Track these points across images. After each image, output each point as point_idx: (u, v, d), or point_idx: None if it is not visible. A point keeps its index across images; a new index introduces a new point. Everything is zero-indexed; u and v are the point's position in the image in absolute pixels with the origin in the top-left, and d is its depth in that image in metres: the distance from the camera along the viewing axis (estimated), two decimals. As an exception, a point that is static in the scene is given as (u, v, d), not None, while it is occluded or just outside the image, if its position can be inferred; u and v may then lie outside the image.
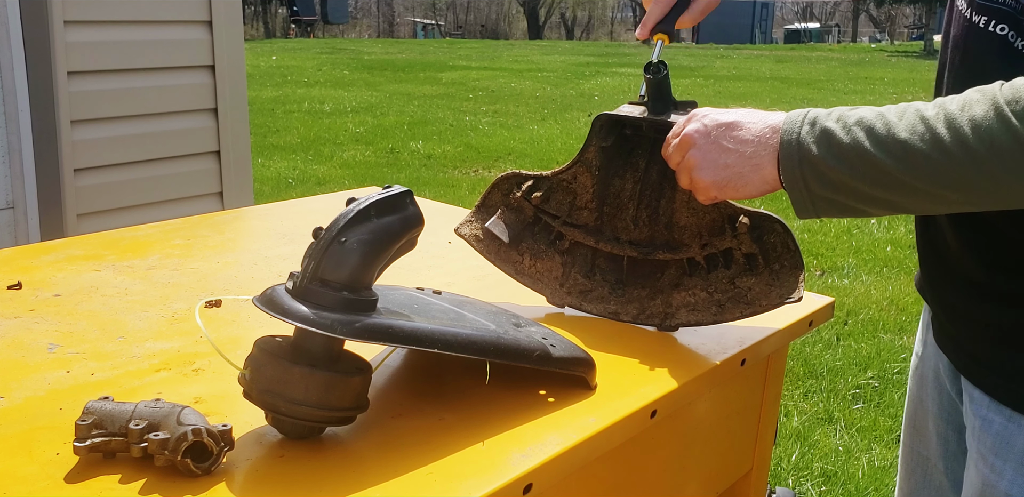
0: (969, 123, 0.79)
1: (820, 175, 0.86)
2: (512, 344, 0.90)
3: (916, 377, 1.22)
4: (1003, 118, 0.78)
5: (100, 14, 2.84)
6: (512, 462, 0.80)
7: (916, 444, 1.22)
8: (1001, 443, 0.95)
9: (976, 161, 0.79)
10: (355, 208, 0.81)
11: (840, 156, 0.85)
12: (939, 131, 0.81)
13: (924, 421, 1.20)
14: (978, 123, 0.79)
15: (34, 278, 1.24)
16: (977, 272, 0.98)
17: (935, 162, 0.81)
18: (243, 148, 3.29)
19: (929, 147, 0.81)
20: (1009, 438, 0.94)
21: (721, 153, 0.93)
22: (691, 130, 0.95)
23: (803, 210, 0.89)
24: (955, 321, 1.04)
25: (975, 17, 0.93)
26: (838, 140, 0.85)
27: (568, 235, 1.16)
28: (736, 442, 1.24)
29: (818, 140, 0.86)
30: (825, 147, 0.85)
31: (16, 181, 2.78)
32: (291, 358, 0.79)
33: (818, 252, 4.98)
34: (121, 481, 0.74)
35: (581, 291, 1.17)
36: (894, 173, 0.83)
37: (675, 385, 0.98)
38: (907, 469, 1.25)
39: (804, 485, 2.55)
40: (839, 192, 0.86)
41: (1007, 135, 0.77)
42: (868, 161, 0.83)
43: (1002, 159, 0.78)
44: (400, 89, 12.27)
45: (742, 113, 0.94)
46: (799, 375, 3.30)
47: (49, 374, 0.94)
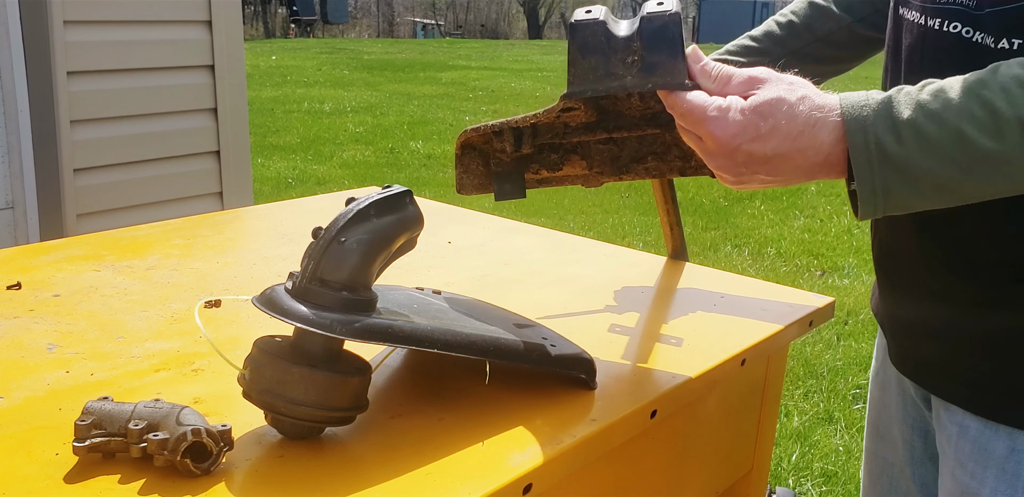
0: None
1: (903, 175, 0.73)
2: (512, 344, 0.90)
3: (878, 382, 1.21)
4: None
5: (100, 14, 2.84)
6: (512, 462, 0.80)
7: (880, 449, 1.21)
8: (979, 450, 0.93)
9: None
10: (355, 208, 0.81)
11: (936, 153, 0.72)
12: None
13: (888, 426, 1.18)
14: None
15: (33, 278, 1.24)
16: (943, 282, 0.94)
17: None
18: (243, 148, 3.29)
19: None
20: (987, 444, 0.92)
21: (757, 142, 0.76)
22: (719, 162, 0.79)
23: (870, 212, 0.77)
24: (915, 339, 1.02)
25: (929, 21, 0.90)
26: (928, 135, 0.72)
27: (575, 140, 1.04)
28: (736, 442, 1.24)
29: (902, 138, 0.73)
30: (915, 145, 0.72)
31: (16, 181, 2.78)
32: (290, 358, 0.79)
33: (819, 252, 4.98)
34: (120, 481, 0.74)
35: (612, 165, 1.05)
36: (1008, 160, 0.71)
37: (675, 385, 0.97)
38: (872, 476, 1.24)
39: (804, 485, 2.55)
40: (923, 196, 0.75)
41: None
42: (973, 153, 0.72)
43: None
44: (400, 89, 12.27)
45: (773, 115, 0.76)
46: (799, 375, 3.30)
47: (48, 374, 0.94)
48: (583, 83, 0.86)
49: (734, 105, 0.77)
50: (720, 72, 0.80)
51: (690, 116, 0.78)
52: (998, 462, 0.91)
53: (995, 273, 0.89)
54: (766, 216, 5.80)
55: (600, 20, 0.84)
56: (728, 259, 4.84)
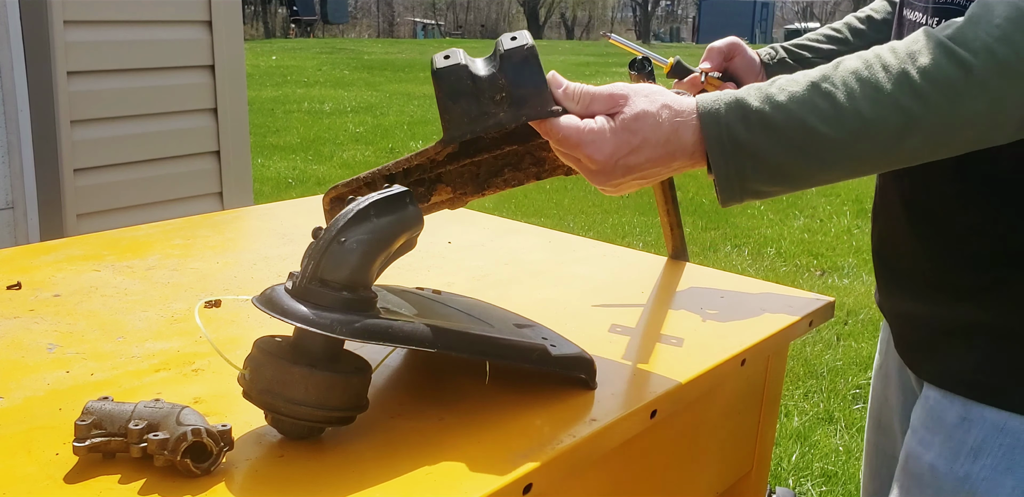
0: (921, 73, 0.75)
1: (756, 165, 0.79)
2: (512, 344, 0.90)
3: (880, 376, 1.23)
4: (958, 60, 0.75)
5: (100, 14, 2.84)
6: (512, 462, 0.80)
7: (881, 442, 1.23)
8: (933, 417, 0.96)
9: (939, 111, 0.75)
10: (355, 208, 0.81)
11: (778, 139, 0.78)
12: (888, 89, 0.76)
13: (889, 419, 1.20)
14: (933, 70, 0.75)
15: (34, 278, 1.24)
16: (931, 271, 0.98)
17: (894, 125, 0.76)
18: (243, 148, 3.29)
19: (886, 110, 0.76)
20: (941, 413, 0.95)
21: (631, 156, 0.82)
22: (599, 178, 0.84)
23: (730, 200, 0.83)
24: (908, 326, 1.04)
25: (929, 20, 0.93)
26: (774, 122, 0.78)
27: (439, 171, 1.07)
28: (736, 442, 1.24)
29: (751, 127, 0.78)
30: (763, 135, 0.78)
31: (16, 181, 2.78)
32: (291, 358, 0.79)
33: (818, 252, 4.99)
34: (120, 481, 0.74)
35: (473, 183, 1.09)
36: (852, 146, 0.77)
37: (675, 385, 0.97)
38: (872, 468, 1.26)
39: (804, 485, 2.55)
40: (775, 183, 0.81)
41: (962, 76, 0.74)
42: (815, 140, 0.77)
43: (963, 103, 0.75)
44: (400, 89, 12.27)
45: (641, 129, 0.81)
46: (799, 375, 3.30)
47: (49, 374, 0.94)
48: (460, 127, 0.88)
49: (604, 126, 0.82)
50: (581, 93, 0.85)
51: (566, 142, 0.83)
52: (948, 430, 0.94)
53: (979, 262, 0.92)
54: (766, 216, 5.80)
55: (462, 64, 0.88)
56: (728, 259, 4.85)
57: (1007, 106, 0.75)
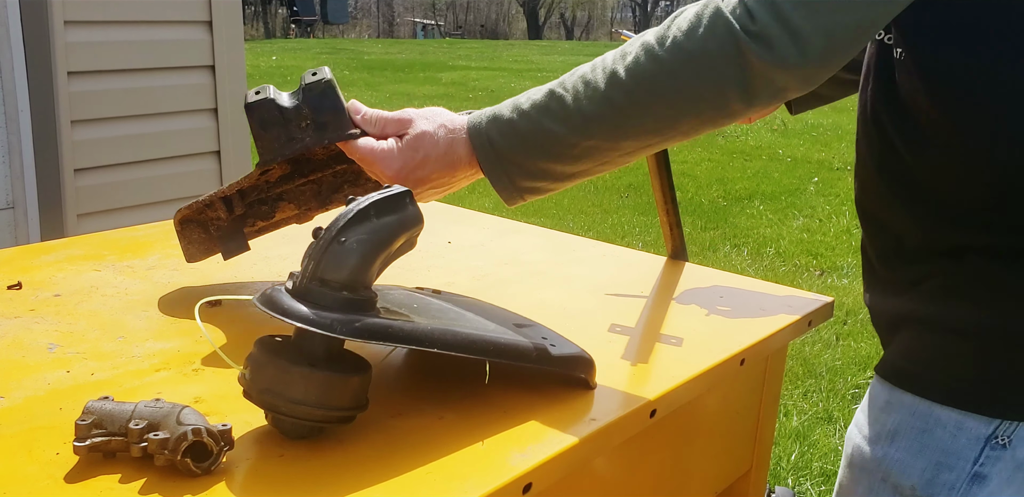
0: (625, 71, 0.86)
1: (518, 167, 0.91)
2: (512, 344, 0.91)
3: None
4: (652, 55, 0.85)
5: (100, 14, 2.84)
6: (512, 461, 0.80)
7: None
8: (870, 402, 1.01)
9: (640, 103, 0.86)
10: (355, 208, 0.81)
11: (524, 141, 0.90)
12: (600, 87, 0.87)
13: None
14: (632, 68, 0.86)
15: (34, 278, 1.24)
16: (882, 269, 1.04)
17: (610, 117, 0.87)
18: (243, 148, 3.29)
19: (600, 106, 0.87)
20: (875, 397, 1.00)
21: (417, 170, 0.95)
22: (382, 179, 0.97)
23: (512, 200, 0.95)
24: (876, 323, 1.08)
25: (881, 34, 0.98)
26: (518, 127, 0.90)
27: (279, 190, 1.20)
28: (735, 441, 1.24)
29: (504, 134, 0.91)
30: (513, 139, 0.91)
31: (16, 181, 2.78)
32: (291, 358, 0.79)
33: (817, 252, 4.99)
34: (121, 481, 0.74)
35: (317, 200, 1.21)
36: (580, 143, 0.89)
37: (674, 384, 0.98)
38: None
39: (804, 484, 2.55)
40: (540, 179, 0.92)
41: (657, 69, 0.85)
42: (552, 139, 0.89)
43: (661, 94, 0.86)
44: (400, 89, 12.27)
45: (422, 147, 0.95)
46: (798, 375, 3.30)
47: (49, 374, 0.94)
48: (271, 152, 1.03)
49: (393, 146, 0.96)
50: (376, 118, 0.99)
51: (363, 160, 0.97)
52: (875, 413, 0.99)
53: (911, 258, 0.98)
54: (765, 216, 5.80)
55: (269, 98, 1.03)
56: (727, 259, 4.85)
57: (702, 88, 0.85)
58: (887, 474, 0.96)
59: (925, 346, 0.95)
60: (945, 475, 0.93)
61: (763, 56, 0.81)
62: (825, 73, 0.85)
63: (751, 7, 0.82)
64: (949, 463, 0.92)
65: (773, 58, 0.81)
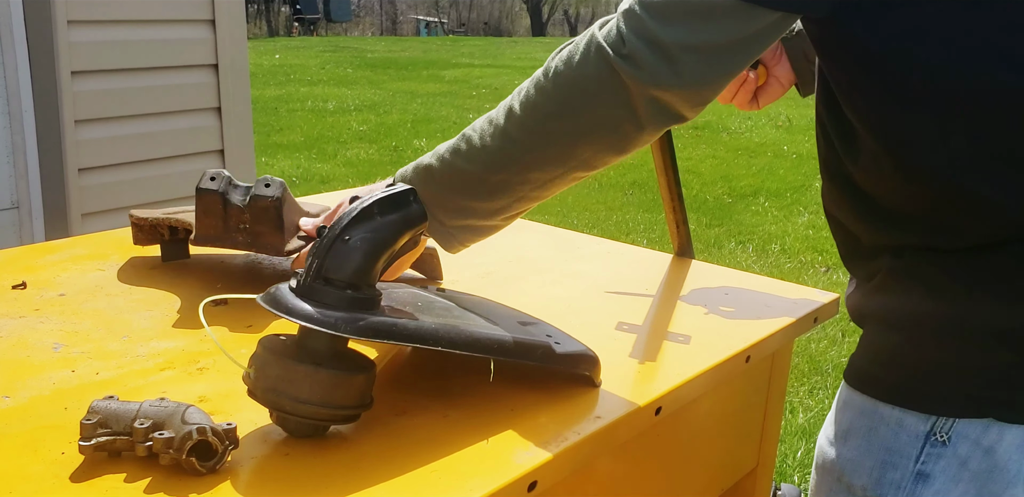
0: (520, 105, 0.88)
1: (443, 207, 0.93)
2: (516, 341, 0.90)
3: None
4: (539, 87, 0.87)
5: (103, 14, 2.84)
6: (517, 459, 0.80)
7: None
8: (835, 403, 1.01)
9: (535, 134, 0.88)
10: (359, 206, 0.81)
11: (443, 183, 0.93)
12: (500, 123, 0.90)
13: None
14: (524, 102, 0.88)
15: (39, 278, 1.24)
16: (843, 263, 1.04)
17: (510, 151, 0.89)
18: (247, 147, 3.30)
19: (500, 141, 0.89)
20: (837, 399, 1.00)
21: None
22: None
23: (449, 245, 0.97)
24: None
25: None
26: (436, 171, 0.93)
27: None
28: (741, 439, 1.24)
29: (424, 179, 0.94)
30: (431, 181, 0.93)
31: (20, 181, 2.79)
32: (295, 356, 0.79)
33: (823, 248, 4.98)
34: (126, 480, 0.74)
35: None
36: (489, 178, 0.91)
37: (680, 382, 0.97)
38: None
39: (809, 482, 2.55)
40: (466, 216, 0.94)
41: (543, 99, 0.87)
42: (465, 178, 0.92)
43: (553, 125, 0.87)
44: (403, 87, 12.27)
45: None
46: (804, 372, 3.30)
47: (54, 373, 0.94)
48: (206, 238, 1.15)
49: None
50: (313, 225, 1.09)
51: None
52: (835, 414, 0.99)
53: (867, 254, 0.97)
54: (770, 213, 5.80)
55: (219, 191, 1.13)
56: (732, 256, 4.84)
57: (589, 115, 0.86)
58: (841, 474, 0.96)
59: (875, 343, 0.95)
60: (891, 473, 0.92)
61: (636, 77, 0.82)
62: (709, 92, 0.85)
63: (622, 30, 0.83)
64: (893, 462, 0.91)
65: (645, 78, 0.82)
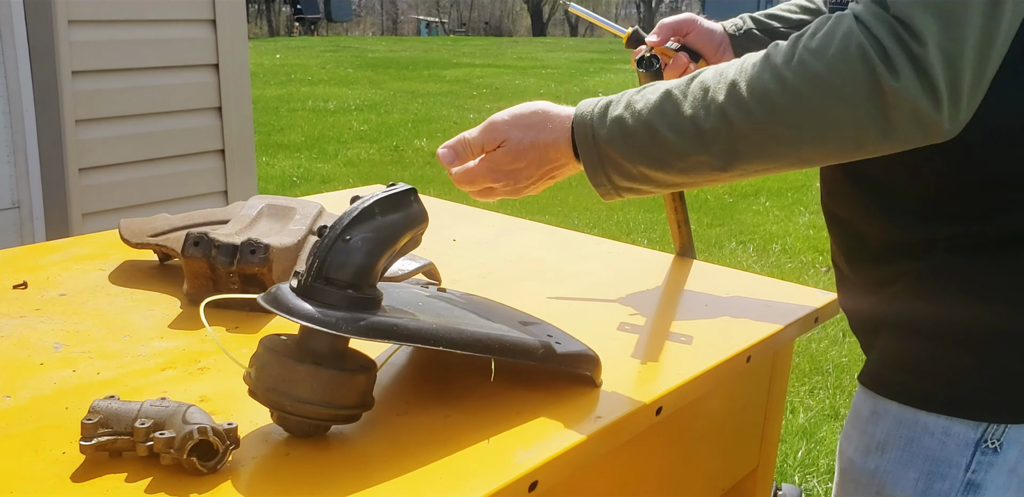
0: (747, 86, 0.79)
1: (617, 165, 0.87)
2: (517, 341, 0.90)
3: None
4: (776, 74, 0.78)
5: (104, 13, 2.84)
6: (517, 459, 0.80)
7: None
8: (854, 413, 1.00)
9: (759, 124, 0.79)
10: (359, 206, 0.81)
11: (633, 145, 0.85)
12: (719, 99, 0.80)
13: None
14: (754, 84, 0.79)
15: (39, 277, 1.24)
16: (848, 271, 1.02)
17: (724, 134, 0.81)
18: (247, 146, 3.29)
19: (716, 120, 0.80)
20: (859, 408, 0.99)
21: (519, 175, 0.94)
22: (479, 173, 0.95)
23: (608, 196, 0.91)
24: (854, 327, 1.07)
25: None
26: (629, 128, 0.85)
27: None
28: (742, 439, 1.24)
29: (610, 130, 0.86)
30: (619, 137, 0.86)
31: (21, 181, 2.78)
32: (296, 356, 0.79)
33: (824, 248, 4.98)
34: (127, 480, 0.74)
35: None
36: (690, 156, 0.83)
37: (680, 382, 0.97)
38: None
39: (810, 482, 2.55)
40: (638, 182, 0.88)
41: (780, 89, 0.77)
42: (662, 147, 0.83)
43: (781, 117, 0.78)
44: (404, 87, 12.27)
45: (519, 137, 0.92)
46: (805, 372, 3.30)
47: (55, 373, 0.94)
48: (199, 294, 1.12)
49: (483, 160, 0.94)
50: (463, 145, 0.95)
51: (466, 183, 0.96)
52: (862, 424, 0.97)
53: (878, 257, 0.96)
54: (771, 212, 5.79)
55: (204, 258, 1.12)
56: (733, 256, 4.84)
57: (830, 117, 0.77)
58: (881, 487, 0.94)
59: (904, 351, 0.93)
60: (938, 484, 0.90)
61: (902, 85, 0.72)
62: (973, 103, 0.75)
63: (893, 23, 0.72)
64: (941, 472, 0.90)
65: (913, 87, 0.72)
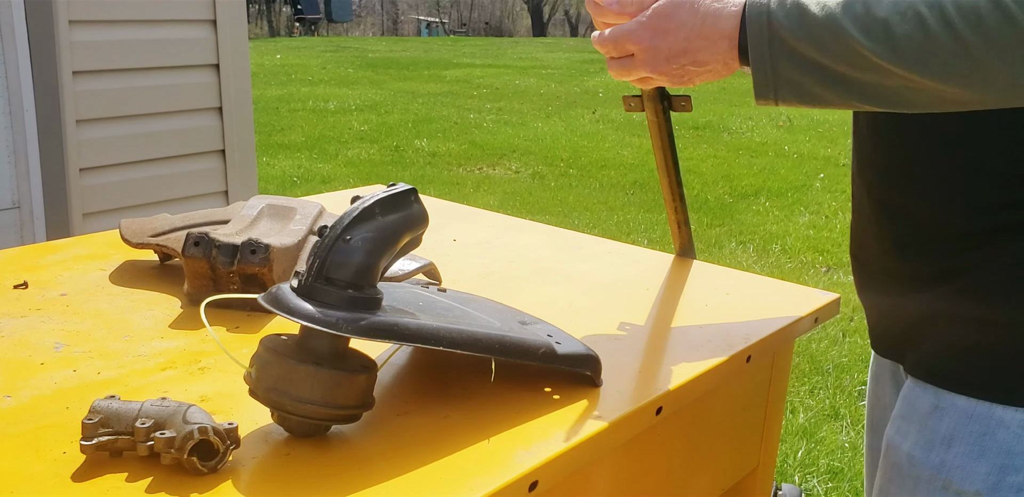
0: (954, 6, 0.74)
1: (791, 52, 0.80)
2: (517, 341, 0.91)
3: (872, 375, 1.24)
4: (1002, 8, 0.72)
5: (105, 13, 2.84)
6: (517, 459, 0.80)
7: (874, 441, 1.23)
8: (908, 406, 0.98)
9: (965, 44, 0.73)
10: (360, 206, 0.81)
11: (813, 33, 0.79)
12: (921, 9, 0.75)
13: (882, 418, 1.21)
14: (967, 6, 0.73)
15: (40, 277, 1.24)
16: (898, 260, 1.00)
17: (918, 44, 0.75)
18: (248, 147, 3.30)
19: (912, 27, 0.75)
20: (915, 401, 0.97)
21: (668, 37, 0.86)
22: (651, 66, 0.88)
23: (764, 92, 0.84)
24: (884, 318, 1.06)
25: None
26: (812, 15, 0.79)
27: None
28: (742, 439, 1.24)
29: (790, 14, 0.80)
30: (798, 22, 0.79)
31: (22, 181, 2.79)
32: (297, 356, 0.79)
33: (824, 248, 4.98)
34: (128, 479, 0.74)
35: None
36: (871, 56, 0.77)
37: (681, 382, 0.97)
38: (869, 469, 1.27)
39: (810, 482, 2.55)
40: (808, 73, 0.81)
41: (997, 14, 0.72)
42: (844, 40, 0.78)
43: (993, 42, 0.73)
44: (404, 87, 12.27)
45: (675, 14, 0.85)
46: (805, 372, 3.30)
47: (56, 373, 0.94)
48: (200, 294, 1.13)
49: (640, 18, 0.87)
50: None
51: (615, 42, 0.89)
52: (922, 418, 0.96)
53: (942, 248, 0.94)
54: (771, 212, 5.80)
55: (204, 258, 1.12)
56: (732, 256, 4.84)
57: None
58: (948, 482, 0.93)
59: (975, 344, 0.92)
60: (1012, 477, 0.89)
61: None
62: None
63: None
64: (1015, 465, 0.89)
65: None
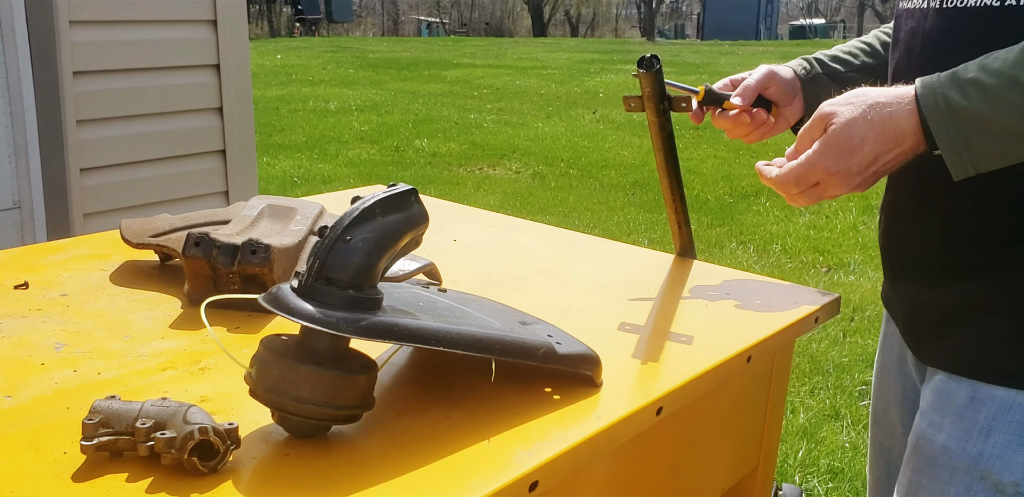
0: None
1: (981, 128, 0.83)
2: (517, 341, 0.91)
3: (878, 370, 1.25)
4: None
5: (105, 14, 2.84)
6: (518, 459, 0.80)
7: (880, 436, 1.25)
8: (941, 399, 0.99)
9: None
10: (360, 207, 0.81)
11: (1002, 103, 0.81)
12: None
13: (887, 412, 1.22)
14: None
15: (41, 278, 1.24)
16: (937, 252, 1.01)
17: None
18: (248, 147, 3.30)
19: None
20: (948, 394, 0.98)
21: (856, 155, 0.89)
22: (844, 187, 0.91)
23: (961, 172, 0.86)
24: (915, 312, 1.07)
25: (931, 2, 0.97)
26: (988, 86, 0.82)
27: None
28: (742, 439, 1.24)
29: (967, 94, 0.83)
30: (979, 98, 0.82)
31: (23, 181, 2.79)
32: (297, 357, 0.79)
33: (824, 248, 4.98)
34: (128, 480, 0.74)
35: None
36: None
37: (681, 382, 0.97)
38: (873, 462, 1.29)
39: (811, 482, 2.55)
40: (1003, 143, 0.84)
41: None
42: None
43: None
44: (405, 87, 12.27)
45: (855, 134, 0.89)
46: (805, 372, 3.30)
47: (56, 373, 0.95)
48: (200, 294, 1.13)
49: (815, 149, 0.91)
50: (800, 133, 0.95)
51: (795, 180, 0.94)
52: (957, 410, 0.97)
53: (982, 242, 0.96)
54: (771, 213, 5.79)
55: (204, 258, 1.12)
56: (733, 256, 4.84)
57: None
58: (986, 472, 0.94)
59: (1014, 334, 0.93)
60: None
61: None
62: None
63: None
64: None
65: None
